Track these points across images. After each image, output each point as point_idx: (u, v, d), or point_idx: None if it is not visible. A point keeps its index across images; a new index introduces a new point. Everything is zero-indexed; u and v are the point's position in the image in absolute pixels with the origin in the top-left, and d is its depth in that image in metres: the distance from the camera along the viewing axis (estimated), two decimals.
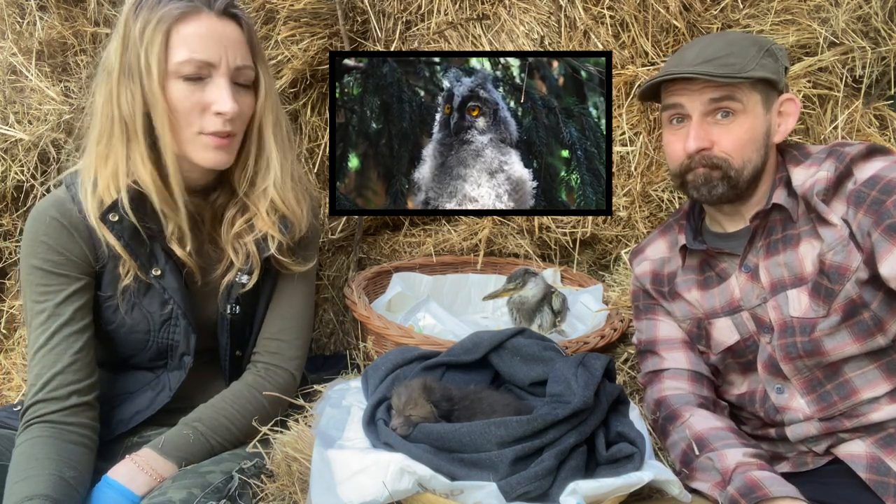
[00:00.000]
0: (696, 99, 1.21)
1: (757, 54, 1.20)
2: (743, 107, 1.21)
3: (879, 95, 2.04)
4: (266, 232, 1.27)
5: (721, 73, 1.17)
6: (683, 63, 1.21)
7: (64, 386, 1.15)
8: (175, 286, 1.24)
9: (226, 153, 1.21)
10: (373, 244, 2.14)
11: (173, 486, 1.06)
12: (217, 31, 1.15)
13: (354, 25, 1.91)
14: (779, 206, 1.23)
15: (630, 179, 1.94)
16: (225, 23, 1.17)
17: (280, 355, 1.34)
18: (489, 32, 1.96)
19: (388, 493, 0.91)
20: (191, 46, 1.13)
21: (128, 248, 1.20)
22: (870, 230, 1.10)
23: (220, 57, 1.15)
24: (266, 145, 1.26)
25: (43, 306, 1.17)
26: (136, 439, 1.30)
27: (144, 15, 1.13)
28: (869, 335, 1.15)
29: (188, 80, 1.14)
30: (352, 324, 2.06)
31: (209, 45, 1.14)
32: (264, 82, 1.24)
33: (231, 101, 1.15)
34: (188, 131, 1.17)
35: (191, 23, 1.14)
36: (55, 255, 1.18)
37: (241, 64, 1.18)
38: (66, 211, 1.19)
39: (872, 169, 1.14)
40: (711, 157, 1.22)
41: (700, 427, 1.23)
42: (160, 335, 1.27)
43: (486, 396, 1.13)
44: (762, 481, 1.09)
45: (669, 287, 1.39)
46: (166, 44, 1.13)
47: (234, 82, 1.18)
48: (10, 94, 1.81)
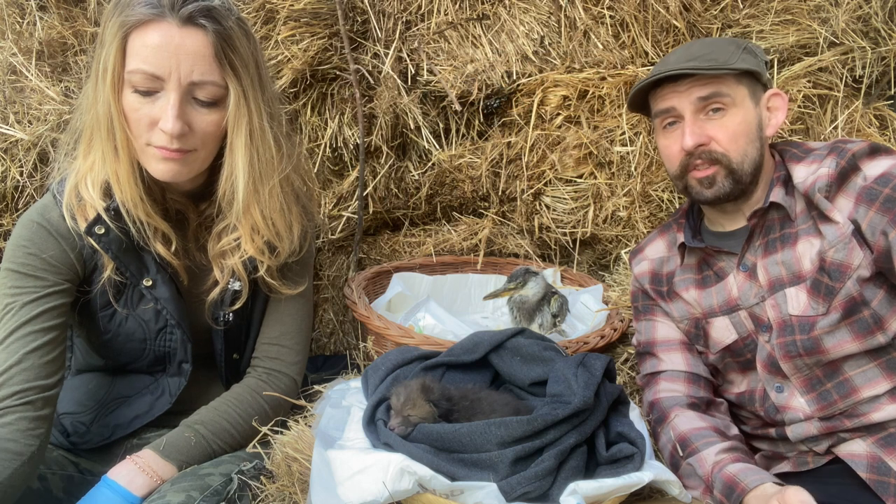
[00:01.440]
0: (686, 98, 1.23)
1: (736, 51, 1.22)
2: (732, 100, 1.22)
3: (879, 95, 2.04)
4: (252, 255, 1.23)
5: (706, 66, 1.19)
6: (667, 67, 1.23)
7: (7, 384, 1.08)
8: (167, 296, 1.23)
9: (179, 165, 1.13)
10: (373, 244, 2.14)
11: (172, 489, 1.06)
12: (174, 42, 1.06)
13: (354, 25, 1.91)
14: (776, 204, 1.23)
15: (630, 179, 1.94)
16: (186, 33, 1.07)
17: (281, 360, 1.34)
18: (489, 32, 1.96)
19: (388, 494, 0.91)
20: (142, 56, 1.06)
21: (117, 260, 1.18)
22: (885, 228, 1.10)
23: (170, 71, 1.06)
24: (236, 163, 1.17)
25: (10, 306, 1.12)
26: (136, 440, 1.29)
27: (115, 15, 1.08)
28: (869, 333, 1.15)
29: (138, 91, 1.08)
30: (352, 324, 2.06)
31: (161, 56, 1.06)
32: (234, 97, 1.13)
33: (174, 120, 1.07)
34: (139, 142, 1.12)
35: (148, 31, 1.06)
36: (34, 260, 1.14)
37: (198, 79, 1.09)
38: (50, 217, 1.17)
39: (882, 166, 1.15)
40: (711, 153, 1.23)
41: (683, 428, 1.25)
42: (156, 343, 1.27)
43: (486, 396, 1.13)
44: (737, 476, 1.11)
45: (668, 287, 1.39)
46: (123, 50, 1.07)
47: (192, 97, 1.11)
48: (10, 94, 1.81)
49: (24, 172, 1.77)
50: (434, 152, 2.03)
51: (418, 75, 1.94)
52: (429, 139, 2.01)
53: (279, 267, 1.29)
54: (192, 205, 1.28)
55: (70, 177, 1.17)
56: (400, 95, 1.91)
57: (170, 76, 1.07)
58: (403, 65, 1.93)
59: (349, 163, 2.01)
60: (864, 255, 1.14)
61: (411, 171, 2.05)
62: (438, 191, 2.10)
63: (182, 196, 1.26)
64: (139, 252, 1.21)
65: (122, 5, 1.08)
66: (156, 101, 1.09)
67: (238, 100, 1.14)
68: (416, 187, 2.07)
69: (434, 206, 2.14)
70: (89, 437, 1.28)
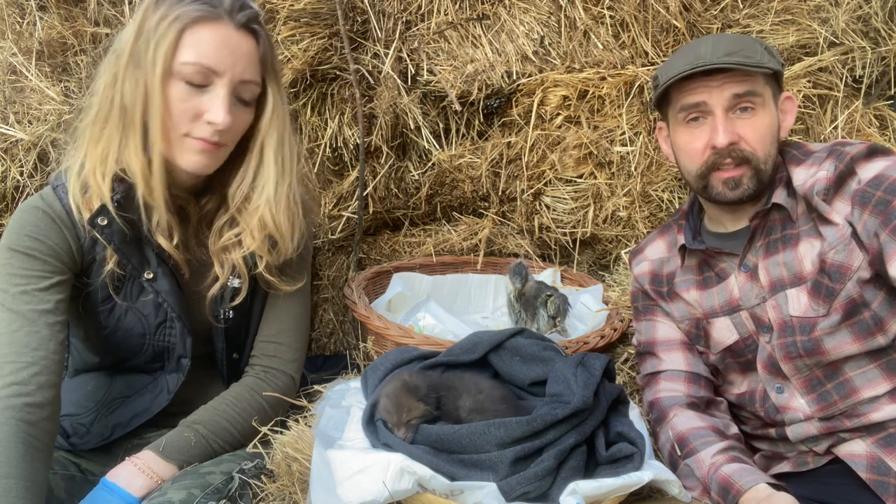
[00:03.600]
0: (719, 94, 1.20)
1: (762, 50, 1.20)
2: (762, 101, 1.21)
3: (879, 95, 2.04)
4: (254, 251, 1.25)
5: (751, 62, 1.16)
6: (700, 59, 1.19)
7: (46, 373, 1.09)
8: (168, 289, 1.24)
9: (210, 158, 1.18)
10: (373, 244, 2.14)
11: (173, 487, 1.06)
12: (231, 41, 1.14)
13: (354, 25, 1.91)
14: (778, 205, 1.23)
15: (630, 179, 1.94)
16: (242, 35, 1.15)
17: (278, 358, 1.34)
18: (489, 32, 1.96)
19: (388, 494, 0.91)
20: (200, 50, 1.12)
21: (119, 252, 1.19)
22: (877, 231, 1.10)
23: (226, 68, 1.13)
24: (265, 164, 1.24)
25: (24, 288, 1.12)
26: (136, 441, 1.29)
27: (164, 9, 1.11)
28: (869, 335, 1.15)
29: (189, 83, 1.13)
30: (352, 324, 2.06)
31: (220, 53, 1.13)
32: (272, 101, 1.22)
33: (225, 114, 1.13)
34: (175, 132, 1.15)
35: (207, 27, 1.12)
36: (39, 244, 1.15)
37: (247, 78, 1.17)
38: (50, 203, 1.18)
39: (876, 168, 1.14)
40: (741, 152, 1.21)
41: (682, 427, 1.25)
42: (156, 338, 1.27)
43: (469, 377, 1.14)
44: (732, 477, 1.11)
45: (668, 287, 1.39)
46: (177, 42, 1.11)
47: (235, 96, 1.17)
48: (10, 94, 1.81)
49: (24, 172, 1.77)
50: (434, 152, 2.03)
51: (418, 75, 1.94)
52: (429, 139, 2.01)
53: (277, 265, 1.30)
54: (193, 200, 1.28)
55: (74, 166, 1.18)
56: (400, 95, 1.91)
57: (225, 72, 1.13)
58: (403, 65, 1.93)
59: (349, 163, 2.01)
60: (864, 257, 1.14)
61: (411, 171, 2.05)
62: (438, 191, 2.10)
63: (184, 191, 1.26)
64: (140, 245, 1.22)
65: (173, 2, 1.12)
66: (204, 94, 1.14)
67: (274, 102, 1.22)
68: (416, 187, 2.07)
69: (434, 206, 2.14)
70: (89, 438, 1.28)
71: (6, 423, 1.03)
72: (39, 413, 1.07)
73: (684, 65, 1.21)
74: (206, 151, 1.17)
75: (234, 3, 1.14)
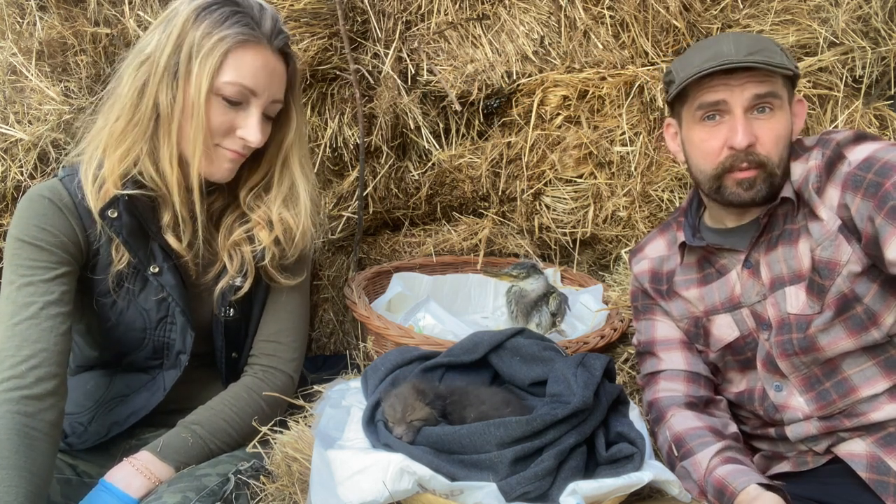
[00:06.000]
0: (739, 93, 1.18)
1: (780, 51, 1.20)
2: (781, 103, 1.20)
3: (879, 95, 2.04)
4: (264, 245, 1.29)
5: (775, 63, 1.15)
6: (723, 57, 1.17)
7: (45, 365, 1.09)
8: (173, 283, 1.25)
9: (235, 166, 1.26)
10: (373, 244, 2.14)
11: (168, 490, 1.06)
12: (269, 65, 1.21)
13: (354, 25, 1.91)
14: (784, 200, 1.23)
15: (630, 179, 1.94)
16: (277, 59, 1.23)
17: (277, 357, 1.34)
18: (489, 32, 1.96)
19: (388, 494, 0.91)
20: (241, 72, 1.17)
21: (126, 245, 1.21)
22: (871, 215, 1.09)
23: (264, 89, 1.20)
24: (290, 173, 1.33)
25: (30, 279, 1.14)
26: (133, 441, 1.30)
27: (207, 27, 1.15)
28: (863, 329, 1.15)
29: (227, 100, 1.18)
30: (352, 324, 2.06)
31: (258, 75, 1.19)
32: (296, 116, 1.31)
33: (259, 134, 1.21)
34: (209, 141, 1.21)
35: (250, 51, 1.18)
36: (46, 234, 1.17)
37: (277, 98, 1.24)
38: (58, 193, 1.20)
39: (865, 151, 1.13)
40: (758, 154, 1.19)
41: (679, 427, 1.25)
42: (156, 333, 1.27)
43: (473, 390, 1.14)
44: (726, 479, 1.11)
45: (668, 286, 1.39)
46: (221, 62, 1.16)
47: (263, 113, 1.23)
48: (10, 94, 1.81)
49: (24, 172, 1.77)
50: (434, 152, 2.03)
51: (418, 75, 1.94)
52: (429, 139, 2.01)
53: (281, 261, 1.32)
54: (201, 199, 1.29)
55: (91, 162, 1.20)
56: (400, 95, 1.91)
57: (262, 93, 1.21)
58: (403, 65, 1.93)
59: (349, 163, 2.01)
60: (853, 251, 1.13)
61: (411, 171, 2.05)
62: (438, 191, 2.10)
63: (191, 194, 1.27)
64: (147, 239, 1.24)
65: (214, 20, 1.16)
66: (239, 111, 1.21)
67: (298, 118, 1.32)
68: (416, 187, 2.07)
69: (434, 206, 2.14)
70: (87, 437, 1.27)
71: (2, 417, 1.03)
72: (38, 404, 1.07)
73: (705, 62, 1.18)
74: (235, 160, 1.25)
75: (273, 29, 1.21)
